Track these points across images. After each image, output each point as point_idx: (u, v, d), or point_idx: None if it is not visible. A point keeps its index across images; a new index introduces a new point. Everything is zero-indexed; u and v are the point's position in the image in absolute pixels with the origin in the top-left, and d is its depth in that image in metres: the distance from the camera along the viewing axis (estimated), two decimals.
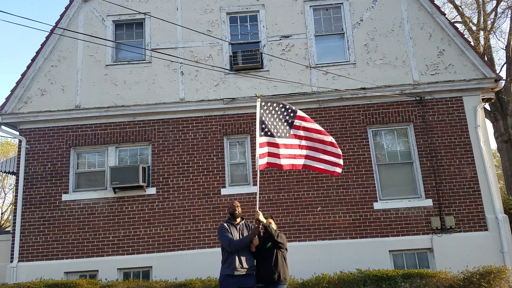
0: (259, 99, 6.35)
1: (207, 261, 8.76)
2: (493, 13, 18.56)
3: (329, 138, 6.39)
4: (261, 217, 5.72)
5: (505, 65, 17.88)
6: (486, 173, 9.45)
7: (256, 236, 5.78)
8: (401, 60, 10.17)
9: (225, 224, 5.92)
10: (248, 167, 9.84)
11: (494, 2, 18.53)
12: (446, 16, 10.56)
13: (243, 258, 5.67)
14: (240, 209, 6.02)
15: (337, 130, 9.90)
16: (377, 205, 9.48)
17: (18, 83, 10.32)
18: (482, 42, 18.17)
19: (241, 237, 5.81)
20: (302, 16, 10.53)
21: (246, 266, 5.67)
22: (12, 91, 10.26)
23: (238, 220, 5.99)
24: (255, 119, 9.97)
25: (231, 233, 5.80)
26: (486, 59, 14.35)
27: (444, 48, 10.15)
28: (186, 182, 9.80)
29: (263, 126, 6.20)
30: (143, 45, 10.54)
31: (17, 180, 10.02)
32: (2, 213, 30.38)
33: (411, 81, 10.02)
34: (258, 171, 6.20)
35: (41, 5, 62.47)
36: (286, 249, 5.98)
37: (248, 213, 9.38)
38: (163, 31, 10.53)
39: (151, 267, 9.39)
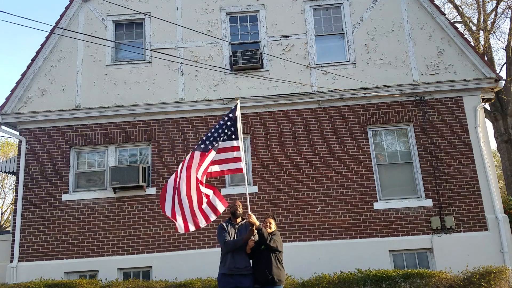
0: (239, 101, 6.40)
1: (207, 261, 8.75)
2: (493, 13, 18.57)
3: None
4: (253, 219, 5.61)
5: (505, 65, 17.89)
6: (486, 173, 9.45)
7: (253, 238, 5.75)
8: (401, 60, 10.17)
9: (224, 224, 5.93)
10: (248, 167, 9.84)
11: (494, 2, 18.54)
12: (446, 16, 10.56)
13: (237, 259, 5.71)
14: (241, 209, 6.02)
15: (337, 130, 9.90)
16: (377, 205, 9.48)
17: (18, 83, 10.32)
18: (482, 42, 18.17)
19: (238, 237, 5.81)
20: (302, 16, 10.53)
21: (240, 266, 5.70)
22: (12, 91, 10.26)
23: (239, 220, 6.00)
24: (255, 119, 10.05)
25: (229, 233, 5.83)
26: (486, 59, 14.36)
27: (444, 48, 10.15)
28: None
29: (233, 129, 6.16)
30: (143, 45, 10.54)
31: (17, 180, 10.02)
32: (2, 213, 30.39)
33: (411, 81, 10.02)
34: (245, 174, 6.26)
35: (41, 5, 62.50)
36: (282, 251, 5.91)
37: (246, 213, 9.37)
38: (163, 31, 10.53)
39: (151, 267, 9.39)
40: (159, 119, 10.16)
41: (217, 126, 6.25)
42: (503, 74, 17.52)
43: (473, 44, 11.74)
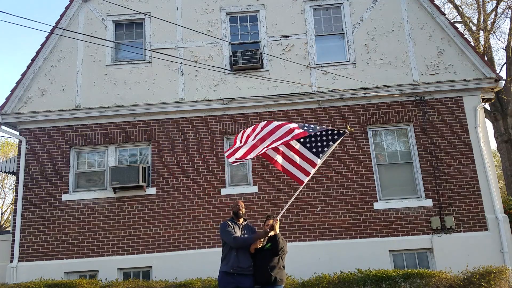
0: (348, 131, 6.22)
1: (207, 261, 8.76)
2: (493, 13, 18.57)
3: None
4: (277, 226, 5.72)
5: (505, 65, 17.88)
6: (486, 173, 9.45)
7: (264, 240, 5.76)
8: (401, 60, 10.17)
9: (229, 222, 5.91)
10: (248, 167, 9.84)
11: (494, 2, 18.55)
12: (446, 16, 10.56)
13: (241, 258, 5.66)
14: (244, 209, 6.01)
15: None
16: (377, 205, 9.48)
17: (18, 83, 10.32)
18: (482, 42, 18.17)
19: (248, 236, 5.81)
20: (302, 16, 10.54)
21: (243, 266, 5.66)
22: (12, 91, 10.26)
23: (241, 220, 5.98)
24: (255, 119, 10.04)
25: (234, 231, 5.80)
26: (486, 59, 14.36)
27: (444, 48, 10.15)
28: (186, 182, 9.80)
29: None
30: (143, 45, 10.54)
31: (17, 180, 10.02)
32: (2, 213, 30.39)
33: (411, 81, 10.02)
34: (301, 187, 6.18)
35: (41, 5, 62.51)
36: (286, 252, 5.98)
37: (248, 213, 9.38)
38: (163, 31, 10.53)
39: (151, 267, 9.39)
40: (159, 119, 10.16)
41: (322, 133, 6.11)
42: (503, 74, 17.53)
43: (473, 44, 11.74)
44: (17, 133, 10.33)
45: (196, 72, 10.27)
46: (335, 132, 6.14)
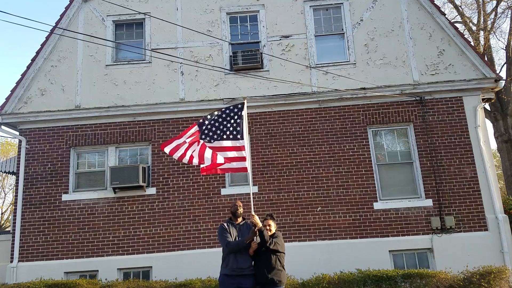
0: (246, 101, 6.40)
1: (207, 261, 8.76)
2: (493, 13, 18.58)
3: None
4: (256, 220, 5.66)
5: (505, 65, 17.89)
6: (486, 173, 9.45)
7: (255, 240, 5.75)
8: (401, 60, 10.17)
9: (225, 224, 5.93)
10: (248, 167, 9.81)
11: (494, 2, 18.55)
12: (446, 16, 10.56)
13: (240, 259, 5.71)
14: (242, 209, 6.03)
15: (337, 130, 9.90)
16: (377, 205, 9.48)
17: (18, 83, 10.32)
18: (482, 42, 18.16)
19: (241, 237, 5.81)
20: (302, 16, 10.53)
21: (243, 267, 5.69)
22: (12, 91, 10.26)
23: (240, 220, 6.00)
24: (255, 119, 10.04)
25: (231, 233, 5.82)
26: (486, 59, 14.36)
27: (444, 48, 10.15)
28: (186, 182, 9.79)
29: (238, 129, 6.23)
30: (143, 45, 10.53)
31: (17, 180, 10.02)
32: (2, 213, 30.40)
33: (411, 81, 10.02)
34: (249, 174, 6.31)
35: (41, 5, 62.50)
36: (283, 253, 5.93)
37: (248, 213, 9.37)
38: (163, 31, 10.53)
39: (151, 267, 9.39)
40: (159, 119, 10.16)
41: (220, 120, 6.27)
42: (503, 74, 17.53)
43: (473, 44, 11.74)
44: (17, 133, 10.33)
45: (196, 72, 10.27)
46: (234, 108, 6.30)
